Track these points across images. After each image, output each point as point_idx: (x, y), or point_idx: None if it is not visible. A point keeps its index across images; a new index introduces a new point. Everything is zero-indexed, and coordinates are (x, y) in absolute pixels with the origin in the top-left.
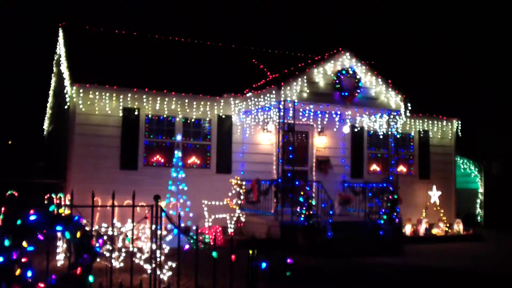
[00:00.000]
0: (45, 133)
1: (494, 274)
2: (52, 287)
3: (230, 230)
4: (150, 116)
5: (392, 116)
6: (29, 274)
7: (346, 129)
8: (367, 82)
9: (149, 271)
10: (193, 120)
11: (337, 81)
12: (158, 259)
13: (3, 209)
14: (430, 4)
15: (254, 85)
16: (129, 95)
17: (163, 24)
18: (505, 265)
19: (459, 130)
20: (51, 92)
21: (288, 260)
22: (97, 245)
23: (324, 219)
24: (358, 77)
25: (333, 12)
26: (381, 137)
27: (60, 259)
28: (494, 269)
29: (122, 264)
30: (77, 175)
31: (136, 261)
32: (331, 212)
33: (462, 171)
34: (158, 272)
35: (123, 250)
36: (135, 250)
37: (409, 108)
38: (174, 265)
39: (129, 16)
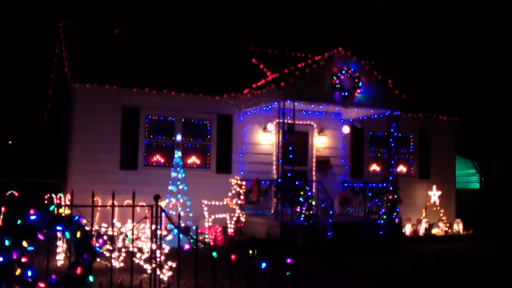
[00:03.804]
0: (45, 133)
1: (494, 274)
2: (52, 287)
3: (230, 230)
4: (150, 116)
5: (392, 116)
6: (29, 274)
7: (346, 129)
8: (367, 82)
9: (149, 271)
10: (193, 120)
11: (337, 81)
12: (158, 259)
13: (3, 209)
14: (430, 4)
15: (254, 85)
16: (129, 95)
17: (163, 24)
18: (504, 265)
19: (459, 130)
20: (51, 92)
21: (288, 260)
22: (97, 245)
23: (324, 219)
24: (358, 77)
25: (333, 12)
26: (381, 137)
27: (60, 259)
28: (493, 269)
29: (122, 264)
30: (77, 175)
31: (136, 261)
32: (331, 212)
33: (462, 171)
34: (158, 272)
35: (123, 250)
36: (135, 250)
37: (409, 108)
38: (174, 265)
39: (129, 16)
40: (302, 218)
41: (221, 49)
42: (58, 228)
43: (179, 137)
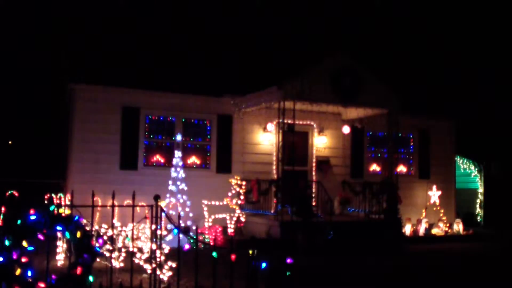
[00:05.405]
0: (45, 133)
1: (494, 274)
2: (52, 287)
3: (230, 230)
4: (150, 116)
5: (392, 116)
6: (29, 274)
7: (346, 129)
8: (367, 82)
9: (149, 271)
10: (193, 120)
11: (337, 81)
12: (158, 259)
13: (3, 209)
14: (430, 4)
15: (254, 85)
16: (129, 95)
17: (163, 24)
18: (504, 265)
19: (459, 130)
20: (51, 92)
21: (288, 260)
22: (97, 245)
23: (324, 219)
24: (358, 77)
25: (333, 12)
26: (381, 137)
27: (60, 259)
28: (493, 269)
29: (122, 264)
30: (77, 175)
31: (136, 261)
32: (331, 212)
33: (462, 171)
34: (158, 272)
35: (123, 250)
36: (135, 250)
37: (409, 108)
38: (174, 265)
39: (129, 15)
40: (302, 218)
41: (221, 49)
42: (58, 228)
43: (179, 137)
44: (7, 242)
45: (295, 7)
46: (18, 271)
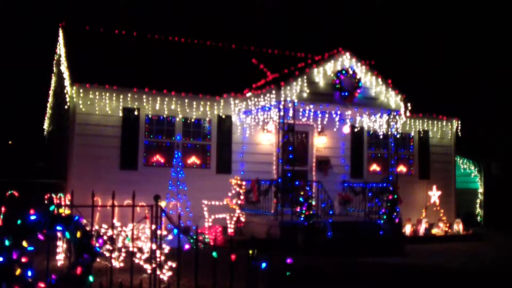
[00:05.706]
0: (45, 133)
1: (494, 274)
2: (52, 287)
3: (230, 230)
4: (150, 116)
5: (392, 116)
6: (29, 274)
7: (346, 129)
8: (367, 82)
9: (149, 271)
10: (193, 120)
11: (337, 81)
12: (158, 259)
13: (3, 209)
14: (430, 4)
15: (254, 85)
16: (129, 95)
17: (163, 24)
18: (504, 265)
19: (459, 130)
20: (51, 92)
21: (288, 260)
22: (97, 245)
23: (324, 219)
24: (358, 77)
25: (333, 12)
26: (381, 137)
27: (60, 259)
28: (493, 269)
29: (122, 264)
30: (77, 175)
31: (136, 261)
32: (331, 212)
33: (462, 171)
34: (158, 272)
35: (123, 250)
36: (135, 250)
37: (409, 108)
38: (174, 265)
39: (129, 15)
40: (302, 218)
41: (221, 49)
42: (58, 228)
43: (179, 137)
44: (7, 242)
45: (295, 7)
46: (18, 271)
